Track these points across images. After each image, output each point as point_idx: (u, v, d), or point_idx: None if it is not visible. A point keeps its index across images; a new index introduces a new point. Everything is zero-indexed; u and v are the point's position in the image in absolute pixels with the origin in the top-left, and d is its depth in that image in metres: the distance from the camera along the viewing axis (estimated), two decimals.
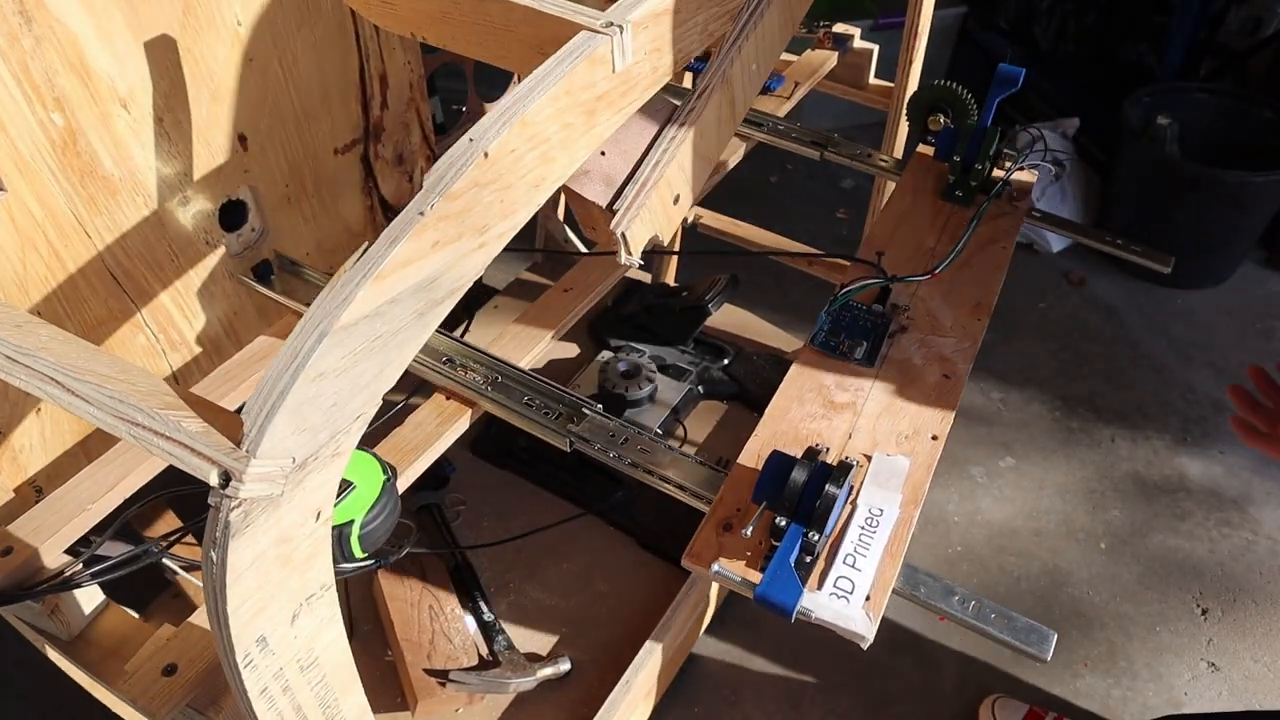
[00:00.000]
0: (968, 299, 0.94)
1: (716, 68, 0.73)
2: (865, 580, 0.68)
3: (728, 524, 0.72)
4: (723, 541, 0.71)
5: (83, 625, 0.86)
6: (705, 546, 0.71)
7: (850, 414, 0.82)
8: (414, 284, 0.51)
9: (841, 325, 0.89)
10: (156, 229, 0.92)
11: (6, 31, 0.73)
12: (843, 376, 0.85)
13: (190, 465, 0.47)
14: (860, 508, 0.72)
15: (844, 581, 0.68)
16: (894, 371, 0.86)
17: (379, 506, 0.73)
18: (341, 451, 0.52)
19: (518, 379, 0.92)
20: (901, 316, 0.91)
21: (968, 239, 0.98)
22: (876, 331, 0.89)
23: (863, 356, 0.86)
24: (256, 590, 0.50)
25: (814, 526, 0.67)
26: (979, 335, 0.90)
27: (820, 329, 0.89)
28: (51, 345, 0.54)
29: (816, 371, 0.86)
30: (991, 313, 0.93)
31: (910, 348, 0.88)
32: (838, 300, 0.90)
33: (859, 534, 0.71)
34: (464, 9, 0.66)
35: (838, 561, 0.69)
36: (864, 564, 0.69)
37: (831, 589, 0.67)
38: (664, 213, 0.72)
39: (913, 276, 0.94)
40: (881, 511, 0.72)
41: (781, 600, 0.66)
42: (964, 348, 0.88)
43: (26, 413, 0.88)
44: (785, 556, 0.67)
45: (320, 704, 0.60)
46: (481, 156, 0.52)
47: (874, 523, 0.72)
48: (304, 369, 0.47)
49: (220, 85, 0.92)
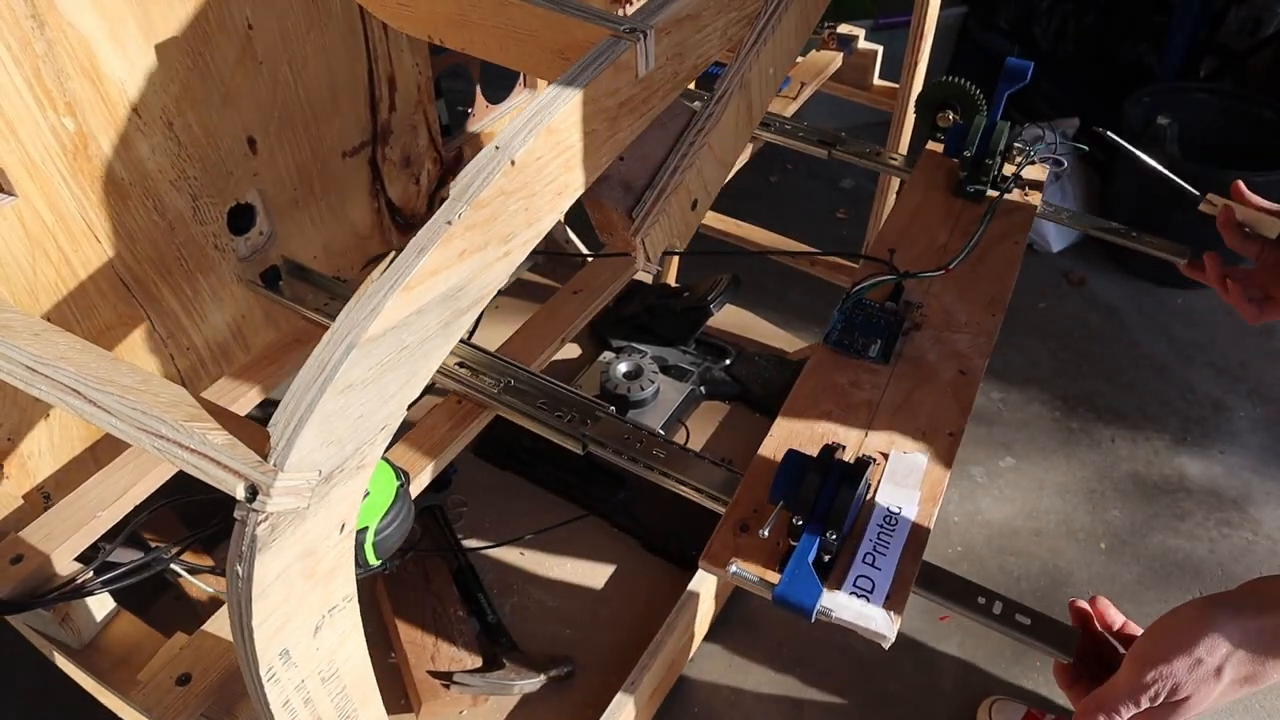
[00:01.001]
0: (982, 294, 0.94)
1: (735, 72, 0.72)
2: (885, 579, 0.67)
3: (744, 525, 0.72)
4: (740, 542, 0.70)
5: (94, 633, 0.85)
6: (722, 548, 0.70)
7: (866, 412, 0.81)
8: (441, 293, 0.51)
9: (855, 323, 0.89)
10: (166, 234, 0.92)
11: (19, 36, 0.72)
12: (858, 374, 0.85)
13: (216, 479, 0.47)
14: (878, 506, 0.72)
15: (864, 581, 0.67)
16: (909, 369, 0.85)
17: (393, 513, 0.73)
18: (367, 463, 0.52)
19: (530, 382, 0.92)
20: (915, 313, 0.91)
21: (981, 234, 0.98)
22: (890, 329, 0.88)
23: (877, 354, 0.86)
24: (281, 604, 0.49)
25: (832, 525, 0.67)
26: (994, 331, 0.90)
27: (834, 327, 0.88)
28: (71, 354, 0.53)
29: (831, 370, 0.85)
30: (1006, 308, 0.93)
31: (925, 344, 0.88)
32: (851, 298, 0.90)
33: (878, 532, 0.70)
34: (484, 12, 0.65)
35: (857, 561, 0.68)
36: (884, 563, 0.68)
37: (851, 588, 0.67)
38: (682, 219, 0.72)
39: (926, 273, 0.94)
40: (900, 509, 0.72)
41: (801, 600, 0.66)
42: (979, 343, 0.88)
43: (35, 419, 0.87)
44: (804, 556, 0.67)
45: (340, 715, 0.59)
46: (508, 164, 0.52)
47: (892, 521, 0.71)
48: (332, 381, 0.46)
49: (230, 88, 0.91)
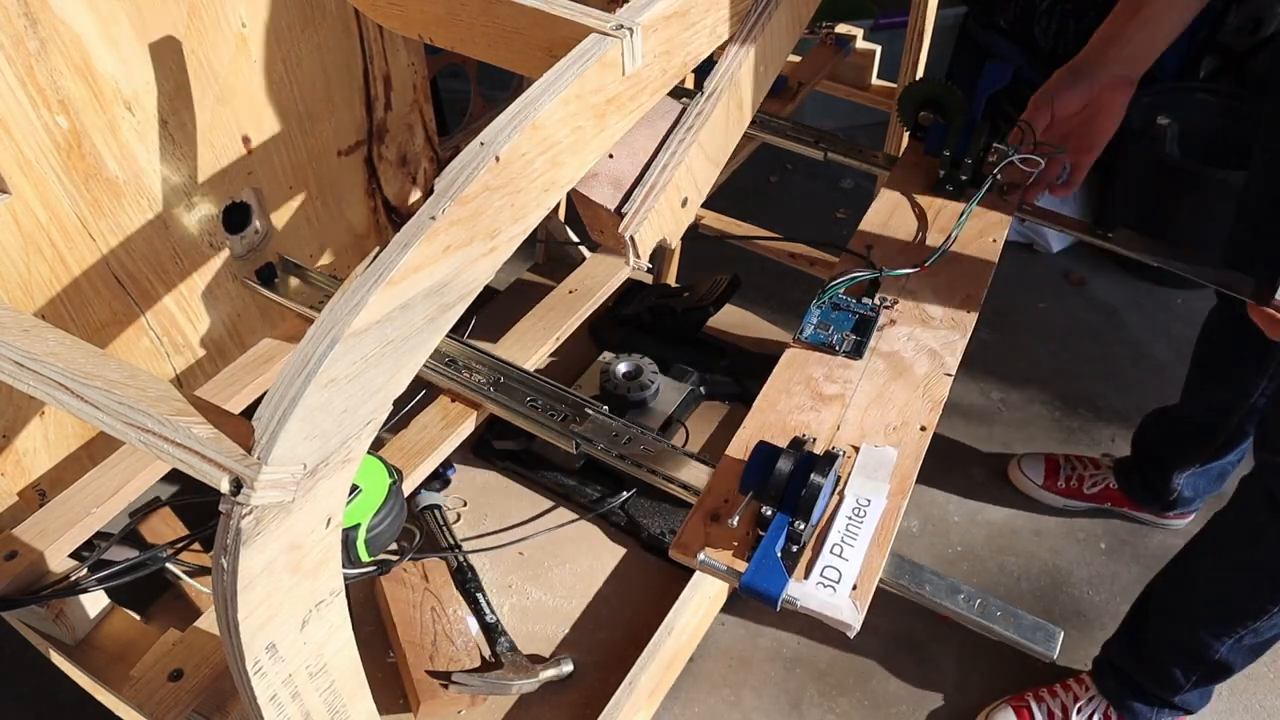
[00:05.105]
0: (957, 292, 0.94)
1: (725, 70, 0.73)
2: (852, 570, 0.68)
3: (715, 514, 0.72)
4: (710, 531, 0.71)
5: (88, 630, 0.86)
6: (693, 537, 0.71)
7: (838, 406, 0.82)
8: (425, 289, 0.51)
9: (830, 318, 0.90)
10: (160, 231, 0.92)
11: (12, 34, 0.72)
12: (831, 369, 0.85)
13: (201, 472, 0.47)
14: (848, 498, 0.73)
15: (830, 571, 0.68)
16: (882, 364, 0.86)
17: (385, 510, 0.73)
18: (352, 458, 0.52)
19: (521, 380, 0.92)
20: (891, 309, 0.91)
21: (958, 233, 0.98)
22: (865, 324, 0.89)
23: (851, 349, 0.86)
24: (267, 597, 0.50)
25: (800, 516, 0.67)
26: (969, 328, 0.90)
27: (808, 322, 0.89)
28: (59, 350, 0.54)
29: (805, 364, 0.86)
30: (981, 305, 0.93)
31: (899, 340, 0.88)
32: (826, 293, 0.90)
33: (846, 524, 0.71)
34: (473, 11, 0.66)
35: (824, 551, 0.69)
36: (851, 554, 0.69)
37: (818, 578, 0.67)
38: (672, 216, 0.72)
39: (901, 269, 0.94)
40: (869, 502, 0.72)
41: (767, 589, 0.66)
42: (953, 340, 0.88)
43: (30, 416, 0.87)
44: (771, 545, 0.67)
45: (329, 710, 0.60)
46: (493, 160, 0.52)
47: (861, 513, 0.72)
48: (316, 375, 0.46)
49: (225, 87, 0.91)
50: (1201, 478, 1.59)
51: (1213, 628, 1.23)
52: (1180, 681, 1.32)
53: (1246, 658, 1.26)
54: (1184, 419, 1.55)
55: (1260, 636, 1.21)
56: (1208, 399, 1.49)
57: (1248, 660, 1.27)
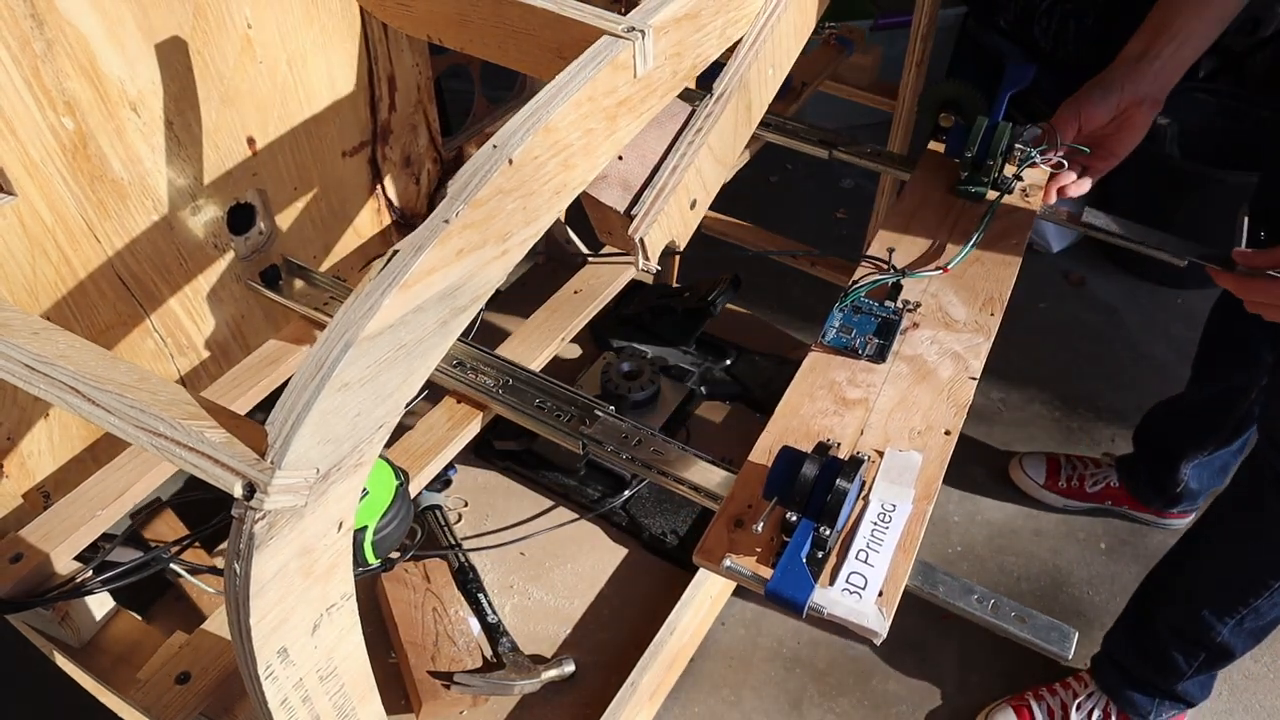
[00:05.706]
0: (980, 294, 0.94)
1: (734, 72, 0.72)
2: (878, 576, 0.68)
3: (739, 520, 0.72)
4: (734, 538, 0.71)
5: (93, 632, 0.86)
6: (717, 543, 0.70)
7: (862, 410, 0.82)
8: (438, 292, 0.51)
9: (852, 321, 0.89)
10: (165, 233, 0.92)
11: (18, 35, 0.72)
12: (854, 373, 0.85)
13: (214, 477, 0.47)
14: (873, 504, 0.72)
15: (856, 577, 0.68)
16: (906, 367, 0.86)
17: (392, 512, 0.73)
18: (364, 462, 0.52)
19: (529, 382, 0.92)
20: (914, 313, 0.91)
21: (980, 235, 0.98)
22: (888, 327, 0.89)
23: (874, 352, 0.86)
24: (279, 602, 0.49)
25: (825, 522, 0.67)
26: (992, 330, 0.90)
27: (830, 325, 0.89)
28: (69, 353, 0.53)
29: (828, 368, 0.85)
30: (1004, 308, 0.93)
31: (922, 344, 0.88)
32: (849, 296, 0.90)
33: (871, 530, 0.70)
34: (483, 12, 0.65)
35: (850, 557, 0.68)
36: (876, 560, 0.68)
37: (844, 585, 0.67)
38: (681, 218, 0.72)
39: (924, 272, 0.94)
40: (894, 507, 0.72)
41: (793, 595, 0.66)
42: (977, 343, 0.88)
43: (35, 418, 0.87)
44: (796, 552, 0.67)
45: (339, 713, 0.59)
46: (506, 164, 0.52)
47: (886, 518, 0.71)
48: (329, 379, 0.46)
49: (230, 88, 0.91)
50: (1206, 468, 1.60)
51: (1214, 608, 1.24)
52: (1182, 668, 1.32)
53: (1247, 641, 1.26)
54: (1192, 406, 1.56)
55: (1261, 618, 1.22)
56: (1217, 383, 1.49)
57: (1248, 645, 1.27)
